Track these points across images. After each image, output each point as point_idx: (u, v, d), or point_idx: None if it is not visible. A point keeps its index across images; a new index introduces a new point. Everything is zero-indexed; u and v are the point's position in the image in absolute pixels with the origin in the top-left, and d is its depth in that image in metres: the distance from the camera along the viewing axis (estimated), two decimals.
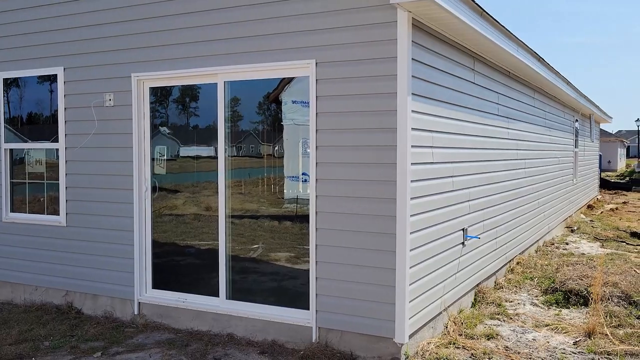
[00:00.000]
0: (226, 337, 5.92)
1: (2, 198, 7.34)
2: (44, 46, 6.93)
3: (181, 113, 6.43)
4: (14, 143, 7.28)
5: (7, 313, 6.85)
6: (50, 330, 6.22)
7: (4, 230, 7.35)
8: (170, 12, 6.14)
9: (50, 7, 6.85)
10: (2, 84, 7.27)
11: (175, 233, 6.50)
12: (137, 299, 6.46)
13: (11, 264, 7.30)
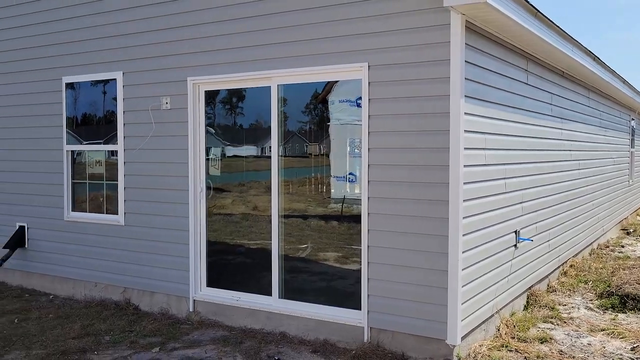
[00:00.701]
0: (279, 335, 6.03)
1: (64, 197, 7.64)
2: (104, 52, 7.19)
3: (227, 113, 6.60)
4: (75, 145, 7.56)
5: (69, 308, 7.14)
6: (110, 326, 6.45)
7: (65, 229, 7.65)
8: (225, 17, 6.28)
9: (109, 14, 7.10)
10: (64, 88, 7.57)
11: (224, 232, 6.66)
12: (192, 296, 6.65)
13: (72, 261, 7.60)
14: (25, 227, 8.01)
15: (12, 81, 8.08)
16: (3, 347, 5.83)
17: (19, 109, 8.03)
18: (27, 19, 7.85)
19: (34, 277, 8.04)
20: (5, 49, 8.11)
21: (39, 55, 7.77)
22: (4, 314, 6.93)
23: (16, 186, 8.12)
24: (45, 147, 7.79)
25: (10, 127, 8.14)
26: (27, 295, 7.76)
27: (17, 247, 7.99)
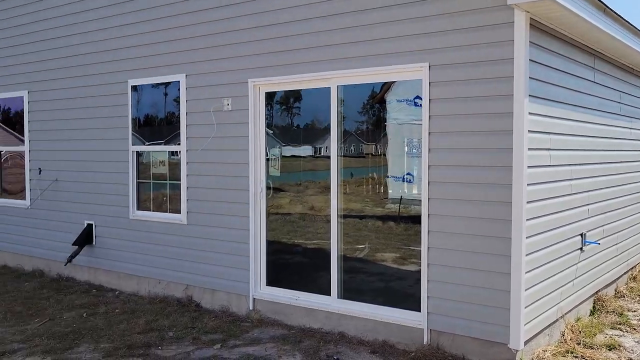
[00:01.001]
0: (337, 335, 6.05)
1: (130, 197, 7.89)
2: (168, 55, 7.37)
3: (283, 114, 6.67)
4: (140, 145, 7.79)
5: (134, 304, 7.36)
6: (173, 322, 6.62)
7: (130, 227, 7.90)
8: (283, 20, 6.35)
9: (172, 18, 7.28)
10: (130, 90, 7.81)
11: (282, 232, 6.73)
12: (252, 295, 6.74)
13: (137, 258, 7.84)
14: (92, 225, 8.31)
15: (82, 84, 8.40)
16: (73, 339, 6.06)
17: (88, 111, 8.34)
18: (96, 24, 8.14)
19: (101, 273, 8.34)
20: (77, 53, 8.43)
21: (107, 59, 8.04)
22: (73, 308, 7.21)
23: (85, 185, 8.43)
24: (112, 148, 8.06)
25: (79, 128, 8.46)
26: (95, 291, 8.05)
27: (85, 244, 8.30)
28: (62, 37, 8.58)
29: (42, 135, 8.99)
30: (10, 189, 9.65)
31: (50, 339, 6.06)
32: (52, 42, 8.71)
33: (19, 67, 9.24)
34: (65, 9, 8.50)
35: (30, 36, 9.03)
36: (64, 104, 8.64)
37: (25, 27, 9.11)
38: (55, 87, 8.75)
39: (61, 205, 8.74)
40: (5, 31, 9.42)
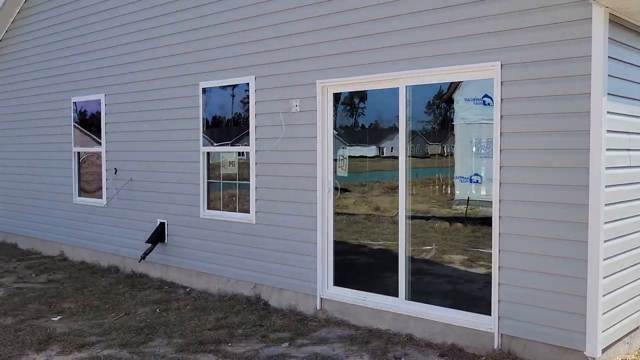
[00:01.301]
0: (405, 337, 6.01)
1: (200, 196, 8.09)
2: (238, 57, 7.52)
3: (349, 114, 6.68)
4: (209, 146, 7.98)
5: (204, 301, 7.54)
6: (242, 319, 6.74)
7: (201, 226, 8.10)
8: (352, 20, 6.36)
9: (242, 21, 7.42)
10: (201, 93, 8.01)
11: (347, 232, 6.74)
12: (320, 295, 6.79)
13: (207, 256, 8.03)
14: (165, 224, 8.57)
15: (155, 87, 8.68)
16: (148, 334, 6.27)
17: (160, 113, 8.60)
18: (170, 29, 8.40)
19: (172, 270, 8.59)
20: (151, 57, 8.72)
21: (179, 63, 8.27)
22: (147, 304, 7.46)
23: (157, 185, 8.71)
24: (184, 149, 8.28)
25: (152, 130, 8.74)
26: (167, 287, 8.30)
27: (158, 242, 8.57)
28: (137, 41, 8.90)
29: (118, 136, 9.34)
30: (88, 189, 10.07)
31: (126, 333, 6.29)
32: (128, 46, 9.04)
33: (97, 71, 9.63)
34: (141, 14, 8.80)
35: (108, 41, 9.40)
36: (138, 107, 8.95)
37: (103, 32, 9.49)
38: (130, 90, 9.07)
39: (135, 204, 9.06)
40: (85, 37, 9.84)
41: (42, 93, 10.90)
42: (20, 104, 11.53)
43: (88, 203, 9.97)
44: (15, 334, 6.27)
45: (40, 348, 5.89)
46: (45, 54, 10.77)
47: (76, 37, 10.01)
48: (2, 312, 7.11)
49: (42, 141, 11.00)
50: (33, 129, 11.21)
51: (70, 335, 6.26)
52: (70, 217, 10.34)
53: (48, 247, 10.96)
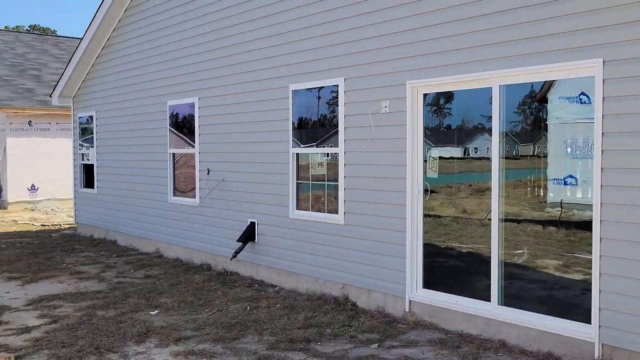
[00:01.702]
0: (497, 343, 5.85)
1: (290, 197, 8.22)
2: (328, 59, 7.59)
3: (437, 114, 6.59)
4: (298, 147, 8.09)
5: (293, 300, 7.66)
6: (331, 319, 6.80)
7: (290, 226, 8.23)
8: (442, 20, 6.28)
9: (331, 24, 7.49)
10: (291, 95, 8.14)
11: (434, 234, 6.65)
12: (408, 297, 6.73)
13: (296, 256, 8.15)
14: (255, 223, 8.78)
15: (246, 90, 8.91)
16: (239, 330, 6.44)
17: (251, 115, 8.82)
18: (260, 33, 8.60)
19: (262, 269, 8.78)
20: (243, 60, 8.96)
21: (270, 65, 8.45)
22: (238, 301, 7.66)
23: (248, 185, 8.93)
24: (273, 150, 8.45)
25: (243, 131, 8.98)
26: (257, 286, 8.49)
27: (248, 241, 8.78)
28: (228, 46, 9.17)
29: (210, 138, 9.65)
30: (182, 189, 10.47)
31: (219, 329, 6.49)
32: (221, 51, 9.33)
33: (191, 75, 10.01)
34: (232, 19, 9.07)
35: (202, 46, 9.74)
36: (229, 109, 9.22)
37: (197, 38, 9.85)
38: (221, 93, 9.36)
39: (227, 204, 9.33)
40: (180, 42, 10.25)
41: (139, 97, 11.44)
42: (119, 107, 12.15)
43: (182, 202, 10.37)
44: (117, 326, 6.61)
45: (140, 340, 6.18)
46: (142, 60, 11.30)
47: (171, 42, 10.44)
48: (105, 305, 7.52)
49: (139, 143, 11.54)
50: (131, 131, 11.79)
51: (167, 328, 6.53)
52: (165, 215, 10.79)
53: (145, 244, 11.48)
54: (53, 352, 5.81)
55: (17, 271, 9.59)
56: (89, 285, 8.63)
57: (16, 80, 20.61)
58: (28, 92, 20.05)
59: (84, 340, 6.13)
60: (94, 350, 5.86)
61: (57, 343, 6.07)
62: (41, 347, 5.98)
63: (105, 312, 7.21)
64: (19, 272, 9.54)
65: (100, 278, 9.13)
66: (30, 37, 25.50)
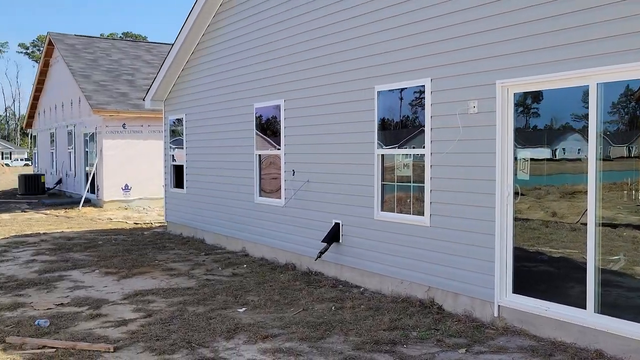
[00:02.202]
0: (594, 353, 5.60)
1: (374, 198, 8.21)
2: (414, 60, 7.53)
3: (524, 114, 6.38)
4: (383, 149, 8.06)
5: (378, 302, 7.64)
6: (416, 322, 6.73)
7: (374, 227, 8.22)
8: (534, 17, 6.09)
9: (416, 24, 7.42)
10: (376, 96, 8.13)
11: (523, 238, 6.44)
12: (497, 302, 6.56)
13: (380, 258, 8.12)
14: (339, 224, 8.82)
15: (331, 92, 8.97)
16: (325, 330, 6.49)
17: (336, 117, 8.87)
18: (345, 35, 8.64)
19: (346, 269, 8.81)
20: (328, 62, 9.03)
21: (355, 67, 8.48)
22: (323, 301, 7.72)
23: (333, 186, 8.99)
24: (358, 152, 8.46)
25: (327, 133, 9.05)
26: (341, 286, 8.53)
27: (333, 241, 8.84)
28: (314, 48, 9.27)
29: (296, 139, 9.79)
30: (268, 189, 10.67)
31: (305, 328, 6.57)
32: (306, 53, 9.45)
33: (277, 78, 10.19)
34: (320, 22, 9.16)
35: (288, 49, 9.91)
36: (314, 111, 9.32)
37: (282, 41, 10.02)
38: (306, 95, 9.47)
39: (311, 205, 9.43)
40: (267, 45, 10.46)
41: (227, 100, 11.77)
42: (208, 110, 12.54)
43: (267, 203, 10.57)
44: (207, 322, 6.82)
45: (229, 336, 6.35)
46: (230, 63, 11.62)
47: (258, 46, 10.67)
48: (195, 301, 7.78)
49: (226, 144, 11.87)
50: (218, 133, 12.14)
51: (255, 326, 6.67)
52: (251, 215, 11.04)
53: (231, 243, 11.79)
54: (148, 345, 6.07)
55: (114, 267, 10.09)
56: (179, 282, 8.96)
57: (112, 85, 21.70)
58: (122, 97, 21.06)
59: (177, 335, 6.37)
60: (186, 344, 6.08)
61: (151, 336, 6.33)
62: (137, 339, 6.26)
63: (196, 308, 7.46)
64: (115, 267, 10.04)
65: (190, 275, 9.46)
66: (124, 44, 26.80)
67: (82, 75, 21.82)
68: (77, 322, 6.90)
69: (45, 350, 5.97)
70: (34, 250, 11.96)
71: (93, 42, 25.52)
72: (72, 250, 11.88)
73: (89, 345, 6.01)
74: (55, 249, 11.98)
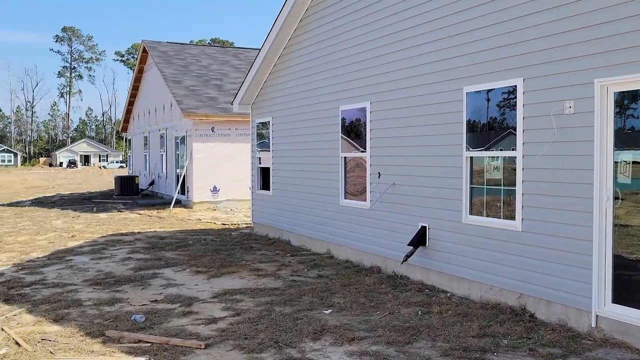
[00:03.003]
0: None
1: (463, 201, 8.02)
2: (504, 60, 7.31)
3: (622, 115, 6.03)
4: (473, 151, 7.86)
5: (466, 307, 7.46)
6: (507, 330, 6.51)
7: (463, 231, 8.03)
8: (637, 11, 5.75)
9: (507, 23, 7.19)
10: (465, 97, 7.94)
11: (622, 245, 6.09)
12: (595, 311, 6.24)
13: (469, 262, 7.93)
14: (426, 227, 8.69)
15: (417, 93, 8.86)
16: (412, 335, 6.41)
17: (422, 118, 8.75)
18: (429, 36, 8.51)
19: (432, 274, 8.66)
20: (415, 64, 8.94)
21: (443, 68, 8.33)
22: (409, 305, 7.63)
23: (419, 189, 8.87)
24: (445, 154, 8.30)
25: (413, 135, 8.94)
26: (427, 291, 8.39)
27: (419, 245, 8.72)
28: (401, 50, 9.19)
29: (381, 142, 9.74)
30: (353, 192, 10.67)
31: (391, 332, 6.51)
32: (393, 55, 9.39)
33: (363, 80, 10.18)
34: (406, 23, 9.07)
35: (374, 52, 9.88)
36: (401, 113, 9.23)
37: (369, 44, 10.00)
38: (393, 97, 9.40)
39: (397, 208, 9.35)
40: (352, 49, 10.47)
41: (313, 103, 11.88)
42: (294, 113, 12.71)
43: (353, 205, 10.57)
44: (294, 322, 6.90)
45: (316, 337, 6.38)
46: (316, 67, 11.72)
47: (345, 49, 10.71)
48: (282, 302, 7.88)
49: (312, 147, 11.98)
50: (304, 135, 12.28)
51: (341, 328, 6.68)
52: (336, 217, 11.08)
53: (316, 244, 11.88)
54: (237, 343, 6.21)
55: (203, 266, 10.41)
56: (266, 282, 9.11)
57: (201, 89, 22.44)
58: (211, 101, 21.73)
59: (264, 334, 6.48)
60: (274, 344, 6.17)
61: (240, 335, 6.47)
62: (226, 337, 6.42)
63: (283, 308, 7.56)
64: (205, 267, 10.35)
65: (276, 276, 9.60)
66: (213, 50, 27.66)
67: (174, 81, 22.69)
68: (170, 319, 7.16)
69: (141, 344, 6.22)
70: (130, 248, 12.53)
71: (184, 48, 26.50)
72: (164, 249, 12.35)
73: (181, 342, 6.22)
74: (148, 248, 12.50)
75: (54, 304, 7.86)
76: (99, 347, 6.15)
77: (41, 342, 6.34)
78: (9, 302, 8.06)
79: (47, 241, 13.66)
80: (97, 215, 19.20)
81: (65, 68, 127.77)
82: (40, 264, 10.85)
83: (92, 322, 7.05)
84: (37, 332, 6.66)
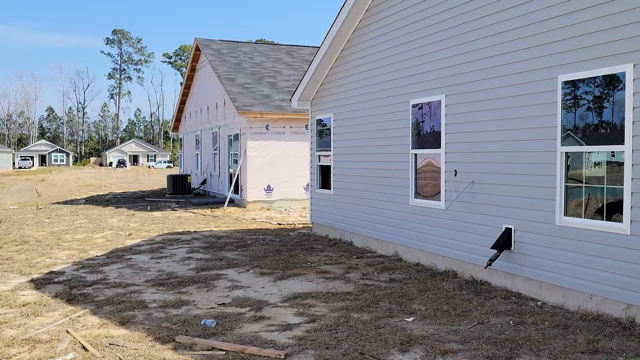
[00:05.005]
0: None
1: (556, 201, 7.31)
2: (610, 44, 6.58)
3: None
4: (571, 146, 7.14)
5: (563, 318, 6.75)
6: (619, 345, 5.80)
7: (556, 234, 7.32)
8: None
9: (602, 5, 6.46)
10: (560, 87, 7.23)
11: None
12: None
13: (563, 268, 7.21)
14: (511, 229, 7.99)
15: (500, 85, 8.16)
16: (511, 348, 5.76)
17: (507, 111, 8.05)
18: (513, 23, 7.82)
19: (519, 280, 7.96)
20: (495, 53, 8.25)
21: (532, 56, 7.62)
22: (498, 314, 6.97)
23: (502, 188, 8.18)
24: (535, 149, 7.60)
25: (496, 129, 8.26)
26: (514, 298, 7.70)
27: (504, 248, 8.03)
28: (481, 38, 8.51)
29: (457, 137, 9.08)
30: (425, 191, 10.03)
31: (487, 344, 5.87)
32: (472, 44, 8.71)
33: (437, 72, 9.52)
34: (486, 9, 8.40)
35: (450, 40, 9.21)
36: (481, 106, 8.56)
37: (444, 32, 9.34)
38: (472, 89, 8.73)
39: (477, 208, 8.67)
40: (425, 38, 9.83)
41: (379, 97, 11.27)
42: (357, 108, 12.13)
43: (424, 205, 9.93)
44: (377, 331, 6.33)
45: (403, 349, 5.81)
46: (383, 59, 11.12)
47: (416, 39, 10.07)
48: (358, 307, 7.32)
49: (378, 143, 11.38)
50: (369, 132, 11.68)
51: (429, 338, 6.08)
52: (405, 218, 10.45)
53: (382, 246, 11.28)
54: (318, 353, 5.68)
55: (267, 267, 9.94)
56: (336, 286, 8.57)
57: (255, 87, 22.09)
58: (265, 98, 21.36)
59: (347, 344, 5.93)
60: (359, 355, 5.62)
61: (320, 344, 5.95)
62: (305, 346, 5.90)
63: (360, 315, 7.00)
64: (269, 268, 9.87)
65: (345, 279, 9.05)
66: (265, 47, 27.32)
67: (227, 79, 22.42)
68: (242, 324, 6.69)
69: (215, 352, 5.76)
70: (188, 247, 12.18)
71: (237, 46, 26.25)
72: (224, 249, 11.95)
73: (258, 350, 5.73)
74: (207, 247, 12.13)
75: (118, 305, 7.50)
76: (170, 355, 5.71)
77: (109, 347, 5.94)
78: (71, 302, 7.74)
79: (104, 239, 13.45)
80: (151, 214, 19.03)
81: (115, 70, 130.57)
82: (100, 262, 10.57)
83: (159, 325, 6.63)
84: (103, 336, 6.28)
